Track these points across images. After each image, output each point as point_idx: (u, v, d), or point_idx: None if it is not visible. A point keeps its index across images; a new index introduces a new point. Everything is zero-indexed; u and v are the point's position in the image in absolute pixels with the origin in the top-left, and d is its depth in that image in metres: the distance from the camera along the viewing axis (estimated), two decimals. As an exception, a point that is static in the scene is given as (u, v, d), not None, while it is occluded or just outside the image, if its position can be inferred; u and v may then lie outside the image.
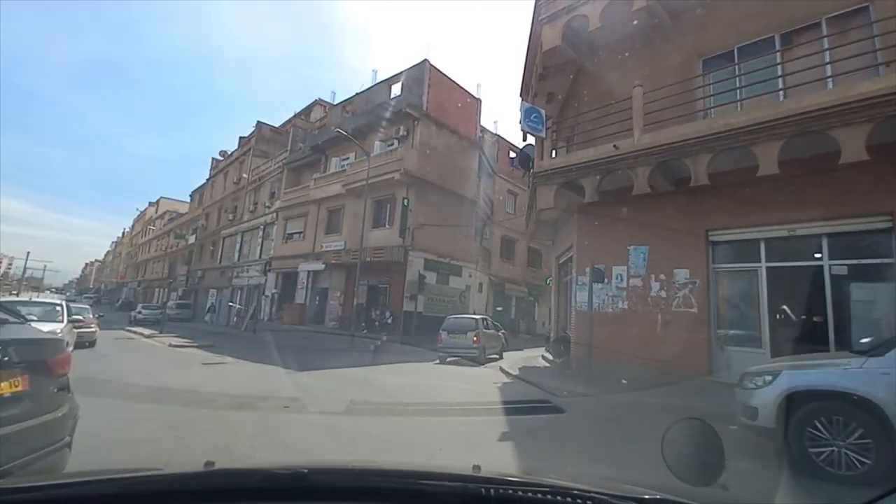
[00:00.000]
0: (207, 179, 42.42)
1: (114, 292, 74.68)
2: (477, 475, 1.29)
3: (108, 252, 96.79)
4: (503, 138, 28.78)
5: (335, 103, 25.47)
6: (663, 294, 8.51)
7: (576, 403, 6.86)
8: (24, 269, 50.79)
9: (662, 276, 8.57)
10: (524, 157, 11.95)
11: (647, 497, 1.17)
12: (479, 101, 23.47)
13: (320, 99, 33.84)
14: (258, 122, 33.90)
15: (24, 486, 1.22)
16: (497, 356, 14.13)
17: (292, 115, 34.09)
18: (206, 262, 37.01)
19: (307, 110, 34.10)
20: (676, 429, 1.76)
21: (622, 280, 9.10)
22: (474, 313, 17.22)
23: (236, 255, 31.57)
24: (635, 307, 8.85)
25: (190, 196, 47.40)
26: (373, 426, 5.52)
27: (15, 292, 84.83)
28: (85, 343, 11.51)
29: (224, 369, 9.97)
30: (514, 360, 13.47)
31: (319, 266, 21.28)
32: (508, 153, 29.78)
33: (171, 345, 13.93)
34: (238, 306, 26.44)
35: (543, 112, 9.94)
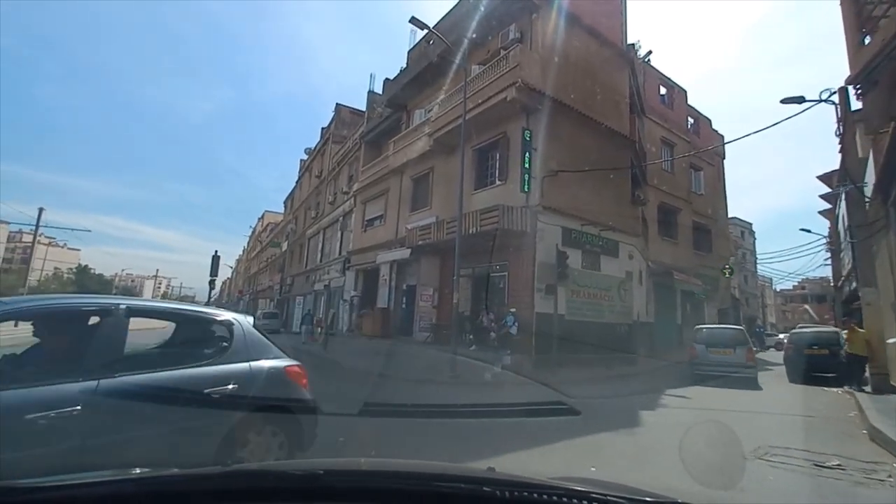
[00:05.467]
0: (296, 182, 40.28)
1: (235, 305, 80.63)
2: (491, 477, 1.27)
3: (233, 269, 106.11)
4: (651, 66, 20.17)
5: (415, 43, 19.39)
6: None
7: None
8: (150, 285, 54.73)
9: None
10: None
11: (664, 501, 1.15)
12: (622, -9, 15.53)
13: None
14: (337, 104, 29.86)
15: (45, 485, 1.16)
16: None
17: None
18: (295, 268, 34.10)
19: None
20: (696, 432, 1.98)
21: None
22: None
23: (318, 255, 27.49)
24: None
25: (284, 203, 46.33)
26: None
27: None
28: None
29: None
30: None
31: (404, 253, 15.13)
32: (659, 89, 21.06)
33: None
34: (306, 313, 21.75)
35: None
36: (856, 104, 10.04)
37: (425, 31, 11.69)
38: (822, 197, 29.48)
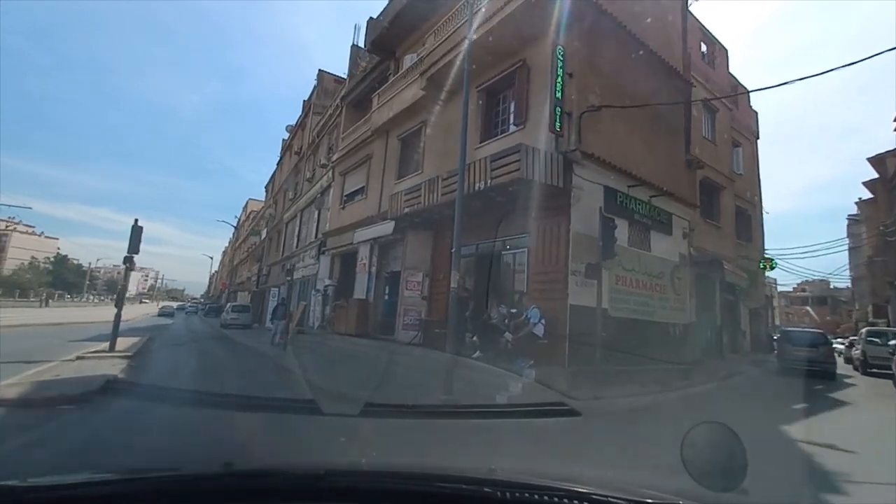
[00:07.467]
0: (277, 163, 36.66)
1: (219, 298, 76.94)
2: (493, 478, 1.24)
3: (213, 260, 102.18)
4: (692, 14, 16.79)
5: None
6: None
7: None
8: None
9: None
10: None
11: (666, 502, 1.14)
12: None
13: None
14: (319, 70, 26.30)
15: (46, 484, 1.16)
16: None
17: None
18: (272, 257, 30.54)
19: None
20: (697, 432, 1.63)
21: None
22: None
23: (295, 240, 23.98)
24: None
25: (265, 188, 42.75)
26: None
27: (147, 300, 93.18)
28: None
29: None
30: None
31: (387, 228, 11.68)
32: (700, 45, 17.71)
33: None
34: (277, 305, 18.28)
35: None
36: None
37: None
38: (866, 184, 26.42)
